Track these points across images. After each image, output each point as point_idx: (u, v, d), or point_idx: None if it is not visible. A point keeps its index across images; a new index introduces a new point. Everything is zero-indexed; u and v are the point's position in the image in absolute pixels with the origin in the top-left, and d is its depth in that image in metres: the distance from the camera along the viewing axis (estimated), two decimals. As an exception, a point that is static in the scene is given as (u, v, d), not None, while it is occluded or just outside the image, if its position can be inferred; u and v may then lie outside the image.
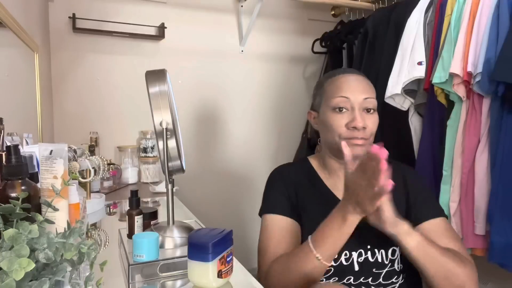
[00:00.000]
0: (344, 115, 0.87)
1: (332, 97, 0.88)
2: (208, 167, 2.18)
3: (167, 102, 0.78)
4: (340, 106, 0.87)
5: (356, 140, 0.85)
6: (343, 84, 0.89)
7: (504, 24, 1.23)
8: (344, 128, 0.86)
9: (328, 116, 0.89)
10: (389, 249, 0.86)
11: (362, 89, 0.88)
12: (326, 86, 0.92)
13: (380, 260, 0.86)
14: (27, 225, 0.43)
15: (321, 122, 0.93)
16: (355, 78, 0.90)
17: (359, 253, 0.85)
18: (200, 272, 0.64)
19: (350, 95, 0.87)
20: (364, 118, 0.86)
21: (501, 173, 1.25)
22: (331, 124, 0.87)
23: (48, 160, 0.62)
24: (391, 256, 0.86)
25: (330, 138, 0.89)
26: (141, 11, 1.98)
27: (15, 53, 1.22)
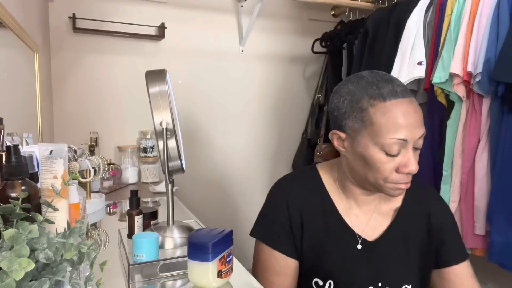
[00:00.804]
0: (396, 158, 0.72)
1: (384, 136, 0.70)
2: (208, 167, 2.18)
3: (167, 102, 0.78)
4: (393, 152, 0.71)
5: (403, 184, 0.74)
6: (401, 118, 0.69)
7: (504, 24, 1.23)
8: (394, 173, 0.73)
9: (374, 155, 0.72)
10: (402, 286, 0.81)
11: (420, 122, 0.71)
12: (373, 113, 0.71)
13: None
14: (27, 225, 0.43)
15: (356, 153, 0.75)
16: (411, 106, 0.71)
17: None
18: (200, 272, 0.64)
19: (408, 135, 0.70)
20: (416, 158, 0.73)
21: (501, 173, 1.25)
22: (378, 166, 0.72)
23: (48, 160, 0.62)
24: None
25: (371, 177, 0.75)
26: (141, 11, 1.98)
27: (15, 53, 1.22)
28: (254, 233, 0.88)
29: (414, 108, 0.71)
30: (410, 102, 0.71)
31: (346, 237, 0.82)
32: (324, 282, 0.81)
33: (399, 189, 0.74)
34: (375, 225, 0.83)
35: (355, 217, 0.83)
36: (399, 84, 0.73)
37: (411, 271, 0.82)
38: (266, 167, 2.33)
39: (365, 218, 0.84)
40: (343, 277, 0.80)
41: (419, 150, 0.74)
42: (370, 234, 0.83)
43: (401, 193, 0.76)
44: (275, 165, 2.34)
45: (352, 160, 0.78)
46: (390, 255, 0.81)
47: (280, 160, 2.35)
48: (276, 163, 2.35)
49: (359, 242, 0.81)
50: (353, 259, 0.81)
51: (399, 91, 0.71)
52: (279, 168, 2.35)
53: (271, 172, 2.33)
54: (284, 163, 2.35)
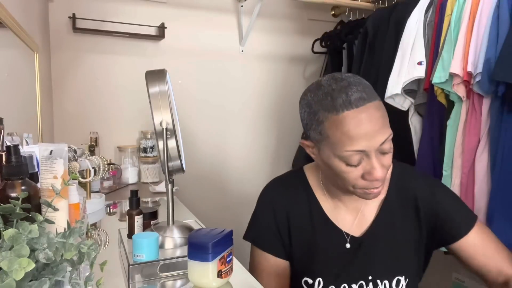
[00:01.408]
0: (358, 167, 0.71)
1: (340, 149, 0.69)
2: (208, 167, 2.18)
3: (167, 102, 0.78)
4: (353, 162, 0.70)
5: (373, 189, 0.73)
6: (353, 131, 0.67)
7: (504, 24, 1.23)
8: (360, 180, 0.72)
9: (337, 166, 0.72)
10: (393, 280, 0.80)
11: (378, 130, 0.69)
12: (328, 127, 0.70)
13: None
14: (27, 225, 0.43)
15: (323, 162, 0.76)
16: (367, 115, 0.68)
17: (360, 285, 0.80)
18: (200, 272, 0.64)
19: (365, 146, 0.68)
20: (381, 162, 0.71)
21: (501, 173, 1.25)
22: (344, 177, 0.73)
23: (48, 160, 0.62)
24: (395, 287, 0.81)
25: (341, 184, 0.76)
26: (141, 11, 1.97)
27: (15, 53, 1.22)
28: (246, 237, 0.92)
29: (370, 115, 0.68)
30: (366, 109, 0.68)
31: (334, 237, 0.83)
32: (313, 280, 0.82)
33: (370, 193, 0.74)
34: (362, 220, 0.84)
35: (342, 216, 0.84)
36: (356, 90, 0.69)
37: (403, 260, 0.82)
38: (266, 167, 2.33)
39: (351, 216, 0.84)
40: (332, 274, 0.82)
41: (388, 153, 0.72)
42: (357, 230, 0.83)
43: (375, 196, 0.75)
44: (274, 165, 2.34)
45: (322, 167, 0.81)
46: (378, 247, 0.81)
47: (280, 160, 2.35)
48: (276, 163, 2.35)
49: (347, 241, 0.82)
50: (342, 257, 0.82)
51: (353, 100, 0.68)
52: (279, 168, 2.35)
53: (271, 172, 2.33)
54: (283, 163, 2.35)
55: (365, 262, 0.81)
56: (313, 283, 0.82)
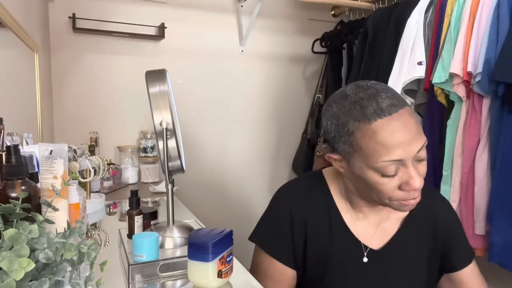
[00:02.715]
0: (395, 177, 0.67)
1: (375, 160, 0.66)
2: (208, 166, 2.18)
3: (167, 102, 0.78)
4: (390, 173, 0.66)
5: (411, 200, 0.70)
6: (388, 139, 0.64)
7: (504, 24, 1.23)
8: (397, 191, 0.69)
9: (371, 178, 0.68)
10: None
11: (414, 137, 0.66)
12: (360, 137, 0.66)
13: None
14: (27, 225, 0.43)
15: (354, 175, 0.72)
16: (400, 122, 0.65)
17: None
18: (200, 272, 0.64)
19: (402, 155, 0.65)
20: (419, 171, 0.68)
21: (501, 173, 1.25)
22: (379, 189, 0.69)
23: (48, 160, 0.62)
24: None
25: (374, 197, 0.72)
26: (141, 11, 1.97)
27: (15, 53, 1.22)
28: (254, 238, 0.87)
29: (404, 122, 0.65)
30: (399, 116, 0.65)
31: (352, 248, 0.80)
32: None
33: (407, 205, 0.70)
34: (382, 234, 0.82)
35: (362, 228, 0.81)
36: (386, 97, 0.66)
37: (417, 278, 0.81)
38: (266, 167, 2.33)
39: (372, 229, 0.81)
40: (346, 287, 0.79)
41: (424, 160, 0.69)
42: (377, 243, 0.81)
43: (412, 208, 0.72)
44: (275, 165, 2.35)
45: (352, 181, 0.76)
46: (396, 263, 0.80)
47: (280, 160, 2.35)
48: (276, 163, 2.35)
49: (365, 255, 0.79)
50: (358, 271, 0.79)
51: (385, 107, 0.65)
52: (279, 167, 2.35)
53: (270, 172, 2.33)
54: (284, 163, 2.35)
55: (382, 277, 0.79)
56: None
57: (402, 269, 0.80)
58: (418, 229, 0.82)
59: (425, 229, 0.82)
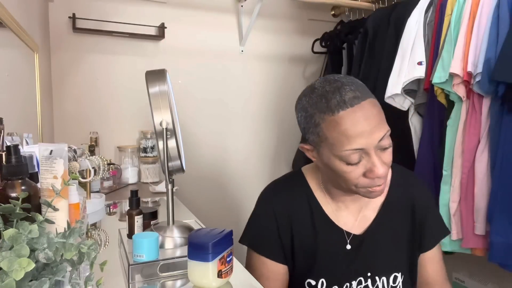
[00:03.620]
0: (359, 165, 0.71)
1: (339, 149, 0.69)
2: (208, 166, 2.18)
3: (167, 102, 0.78)
4: (353, 161, 0.70)
5: (376, 187, 0.73)
6: (350, 129, 0.68)
7: (504, 24, 1.23)
8: (362, 179, 0.72)
9: (337, 166, 0.72)
10: (390, 276, 0.83)
11: (376, 126, 0.69)
12: (325, 128, 0.70)
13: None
14: (27, 225, 0.43)
15: (323, 163, 0.76)
16: (362, 113, 0.68)
17: (359, 281, 0.82)
18: (200, 272, 0.64)
19: (363, 143, 0.68)
20: (382, 159, 0.71)
21: (501, 173, 1.25)
22: (345, 177, 0.73)
23: (48, 160, 0.62)
24: (393, 283, 0.83)
25: (343, 184, 0.76)
26: (141, 11, 1.97)
27: (15, 53, 1.22)
28: (243, 240, 0.90)
29: (365, 113, 0.68)
30: (361, 108, 0.68)
31: (335, 237, 0.83)
32: (316, 281, 0.83)
33: (373, 191, 0.74)
34: (363, 221, 0.85)
35: (343, 217, 0.85)
36: (349, 89, 0.70)
37: (399, 258, 0.85)
38: (266, 167, 2.33)
39: (352, 217, 0.85)
40: (335, 275, 0.83)
41: (388, 149, 0.72)
42: (358, 229, 0.85)
43: (378, 195, 0.75)
44: (275, 165, 2.35)
45: (323, 169, 0.81)
46: (378, 245, 0.83)
47: (280, 160, 2.35)
48: (276, 163, 2.35)
49: (348, 242, 0.83)
50: (344, 258, 0.83)
51: (347, 99, 0.68)
52: (279, 167, 2.35)
53: (271, 172, 2.33)
54: (283, 163, 2.35)
55: (365, 259, 0.82)
56: (316, 284, 0.83)
57: (384, 253, 0.83)
58: (396, 211, 0.86)
59: (403, 212, 0.86)
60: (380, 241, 0.83)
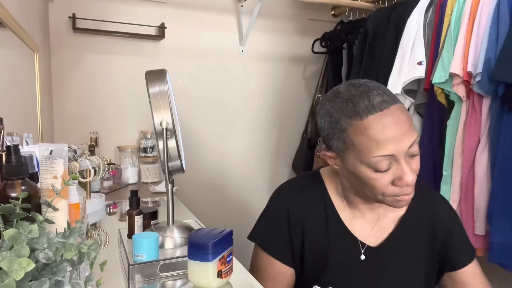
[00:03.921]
0: (388, 173, 0.68)
1: (367, 156, 0.67)
2: (208, 166, 2.18)
3: (167, 102, 0.78)
4: (383, 168, 0.68)
5: (404, 196, 0.70)
6: (380, 135, 0.65)
7: (504, 24, 1.23)
8: (390, 187, 0.69)
9: (364, 174, 0.69)
10: None
11: (406, 132, 0.67)
12: (352, 133, 0.68)
13: None
14: (27, 225, 0.43)
15: (348, 171, 0.74)
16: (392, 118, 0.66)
17: None
18: (200, 272, 0.64)
19: (394, 150, 0.66)
20: (412, 166, 0.69)
21: (501, 173, 1.25)
22: (373, 184, 0.70)
23: (48, 160, 0.62)
24: None
25: (368, 193, 0.73)
26: (141, 11, 1.97)
27: (15, 53, 1.22)
28: (252, 237, 0.88)
29: (395, 118, 0.66)
30: (390, 112, 0.66)
31: (349, 246, 0.80)
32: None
33: (401, 201, 0.71)
34: (379, 232, 0.82)
35: (359, 225, 0.82)
36: (377, 94, 0.68)
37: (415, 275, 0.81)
38: (266, 167, 2.33)
39: (369, 226, 0.82)
40: (344, 285, 0.80)
41: (416, 156, 0.70)
42: (374, 241, 0.81)
43: (405, 204, 0.73)
44: (275, 165, 2.34)
45: (347, 177, 0.78)
46: (393, 261, 0.80)
47: (280, 160, 2.35)
48: (276, 163, 2.35)
49: (362, 252, 0.80)
50: (356, 268, 0.80)
51: (376, 104, 0.66)
52: (279, 167, 2.35)
53: (271, 172, 2.33)
54: (284, 163, 2.35)
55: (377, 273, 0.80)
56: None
57: (399, 267, 0.80)
58: (416, 227, 0.82)
59: (422, 228, 0.82)
60: (396, 255, 0.80)
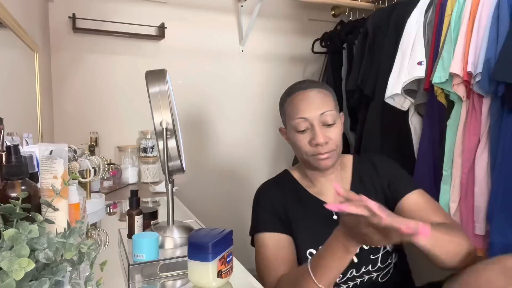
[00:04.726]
0: (306, 134, 0.91)
1: (292, 118, 0.92)
2: (208, 167, 2.18)
3: (167, 102, 0.78)
4: (301, 128, 0.91)
5: (320, 155, 0.90)
6: (299, 103, 0.92)
7: (504, 24, 1.23)
8: (308, 146, 0.91)
9: (293, 136, 0.94)
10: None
11: (318, 105, 0.91)
12: (286, 106, 0.95)
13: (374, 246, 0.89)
14: (27, 225, 0.43)
15: (290, 139, 0.97)
16: (310, 94, 0.92)
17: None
18: (200, 272, 0.64)
19: (307, 114, 0.90)
20: (325, 133, 0.90)
21: (501, 173, 1.25)
22: (297, 144, 0.93)
23: (48, 160, 0.62)
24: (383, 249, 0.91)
25: (299, 155, 0.96)
26: (141, 11, 1.98)
27: (15, 53, 1.22)
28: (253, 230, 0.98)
29: (314, 94, 0.92)
30: (310, 91, 0.92)
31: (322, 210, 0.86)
32: (316, 249, 0.89)
33: (320, 159, 0.90)
34: None
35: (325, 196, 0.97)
36: (309, 81, 0.96)
37: None
38: (266, 167, 2.33)
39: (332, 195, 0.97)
40: None
41: (331, 126, 0.90)
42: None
43: (327, 164, 0.91)
44: (275, 165, 2.34)
45: (293, 148, 0.98)
46: None
47: (280, 160, 2.35)
48: (276, 163, 2.35)
49: (334, 213, 0.94)
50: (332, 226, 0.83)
51: (305, 85, 0.94)
52: (279, 168, 2.33)
53: (271, 172, 2.33)
54: (284, 163, 2.35)
55: None
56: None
57: None
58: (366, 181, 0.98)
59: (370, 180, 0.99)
60: None
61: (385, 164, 1.01)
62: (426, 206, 0.92)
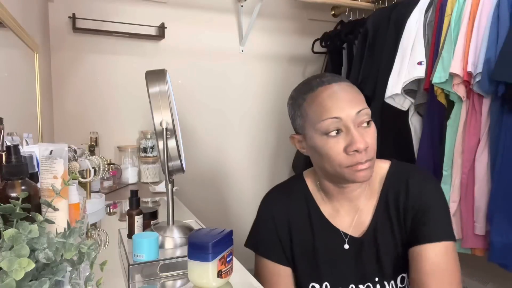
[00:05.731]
0: (339, 138, 0.72)
1: (317, 120, 0.73)
2: (208, 167, 2.18)
3: (167, 102, 0.78)
4: (331, 130, 0.72)
5: (360, 165, 0.71)
6: (327, 100, 0.73)
7: (504, 24, 1.23)
8: (343, 154, 0.72)
9: (319, 143, 0.74)
10: (397, 278, 0.81)
11: (352, 100, 0.73)
12: (307, 106, 0.76)
13: None
14: (27, 225, 0.43)
15: (311, 148, 0.78)
16: (339, 88, 0.74)
17: (367, 287, 0.81)
18: (200, 272, 0.64)
19: (340, 113, 0.71)
20: (363, 136, 0.72)
21: (501, 173, 1.25)
22: (327, 153, 0.73)
23: (48, 160, 0.62)
24: (400, 284, 0.81)
25: (328, 167, 0.75)
26: (141, 11, 1.98)
27: (15, 53, 1.22)
28: (247, 244, 0.91)
29: (343, 88, 0.74)
30: (337, 84, 0.74)
31: (333, 238, 0.82)
32: (320, 285, 0.82)
33: (358, 170, 0.72)
34: (360, 221, 0.83)
35: (340, 217, 0.84)
36: (329, 75, 0.78)
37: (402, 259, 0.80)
38: (266, 167, 2.33)
39: (349, 217, 0.83)
40: (336, 277, 0.82)
41: (369, 127, 0.74)
42: (356, 230, 0.83)
43: (365, 176, 0.73)
44: (274, 165, 2.34)
45: (312, 158, 0.81)
46: (379, 248, 0.81)
47: (280, 160, 2.35)
48: (276, 163, 2.35)
49: (346, 241, 0.82)
50: (342, 258, 0.82)
51: (325, 80, 0.76)
52: (279, 168, 2.35)
53: (271, 172, 2.33)
54: (283, 163, 2.35)
55: (368, 263, 0.81)
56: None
57: (387, 252, 0.80)
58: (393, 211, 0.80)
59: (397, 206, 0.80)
60: (381, 244, 0.81)
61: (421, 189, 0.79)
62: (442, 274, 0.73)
